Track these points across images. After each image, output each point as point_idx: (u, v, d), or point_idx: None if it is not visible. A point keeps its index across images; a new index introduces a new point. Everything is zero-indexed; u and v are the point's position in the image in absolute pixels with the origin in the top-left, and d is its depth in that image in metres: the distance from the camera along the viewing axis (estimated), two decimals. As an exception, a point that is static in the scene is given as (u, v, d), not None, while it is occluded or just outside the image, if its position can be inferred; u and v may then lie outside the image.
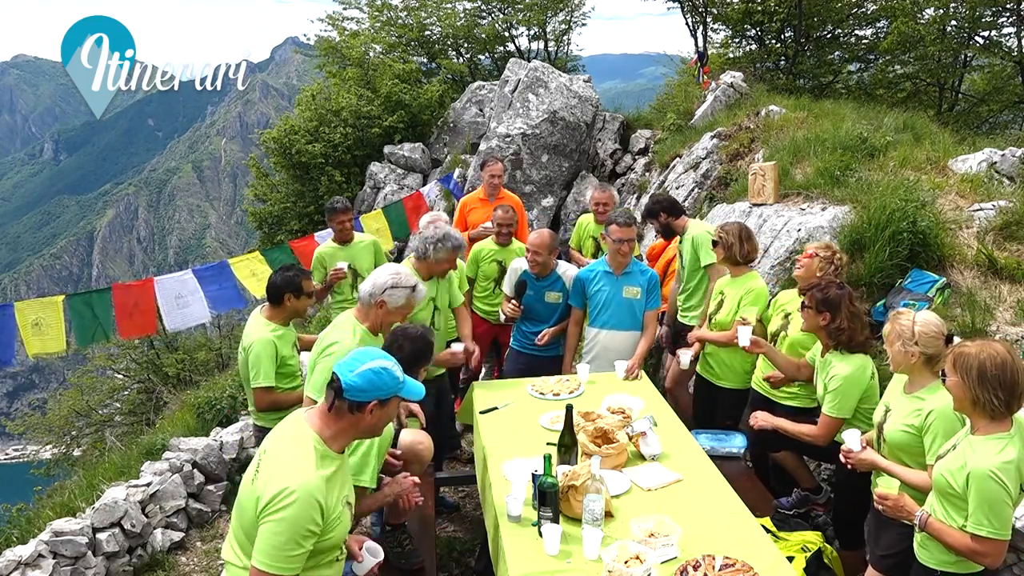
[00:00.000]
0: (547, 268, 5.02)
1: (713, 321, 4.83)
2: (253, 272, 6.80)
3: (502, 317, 5.28)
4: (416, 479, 3.20)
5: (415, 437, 3.82)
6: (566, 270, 5.10)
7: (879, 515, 3.07)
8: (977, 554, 2.58)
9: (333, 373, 2.34)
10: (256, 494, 2.24)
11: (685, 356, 4.92)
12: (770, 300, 4.66)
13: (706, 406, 4.89)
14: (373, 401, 2.33)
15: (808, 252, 4.31)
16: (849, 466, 3.23)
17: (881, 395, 3.75)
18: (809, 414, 4.04)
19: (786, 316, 4.38)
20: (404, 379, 2.40)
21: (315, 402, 2.78)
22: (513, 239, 5.69)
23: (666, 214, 5.34)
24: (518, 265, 5.14)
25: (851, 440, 3.20)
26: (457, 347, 4.52)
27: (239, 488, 2.41)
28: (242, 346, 4.12)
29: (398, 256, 9.94)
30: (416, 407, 3.91)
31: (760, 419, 4.00)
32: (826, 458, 4.24)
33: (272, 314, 4.07)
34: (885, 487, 2.86)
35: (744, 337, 4.17)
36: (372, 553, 2.65)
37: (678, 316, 5.45)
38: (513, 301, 5.04)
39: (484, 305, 5.72)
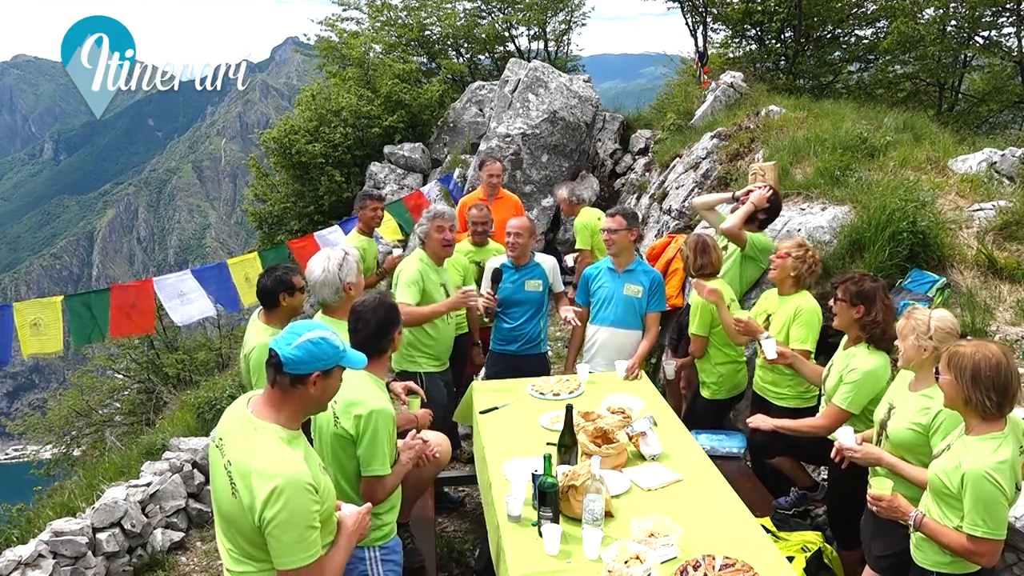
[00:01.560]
0: (526, 255, 5.03)
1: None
2: (247, 277, 6.79)
3: (480, 307, 5.28)
4: (426, 437, 3.30)
5: (435, 439, 3.83)
6: (544, 259, 5.14)
7: (876, 516, 3.06)
8: (973, 554, 2.59)
9: (271, 350, 2.28)
10: (245, 506, 2.20)
11: (670, 367, 4.97)
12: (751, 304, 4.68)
13: (689, 409, 4.98)
14: (314, 373, 2.28)
15: (781, 252, 4.31)
16: (841, 461, 3.22)
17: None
18: (804, 414, 4.05)
19: (767, 318, 4.40)
20: (345, 348, 2.36)
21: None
22: (490, 240, 5.67)
23: (771, 215, 5.22)
24: (494, 263, 5.13)
25: (844, 437, 3.20)
26: (468, 288, 4.74)
27: (217, 503, 2.34)
28: (243, 353, 4.03)
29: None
30: (414, 384, 3.92)
31: (758, 422, 4.00)
32: (823, 460, 4.22)
33: (269, 318, 3.98)
34: (879, 488, 2.85)
35: (770, 350, 4.07)
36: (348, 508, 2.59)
37: None
38: (488, 291, 4.96)
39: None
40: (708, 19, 13.67)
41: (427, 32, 14.96)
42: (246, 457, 2.23)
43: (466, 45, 15.54)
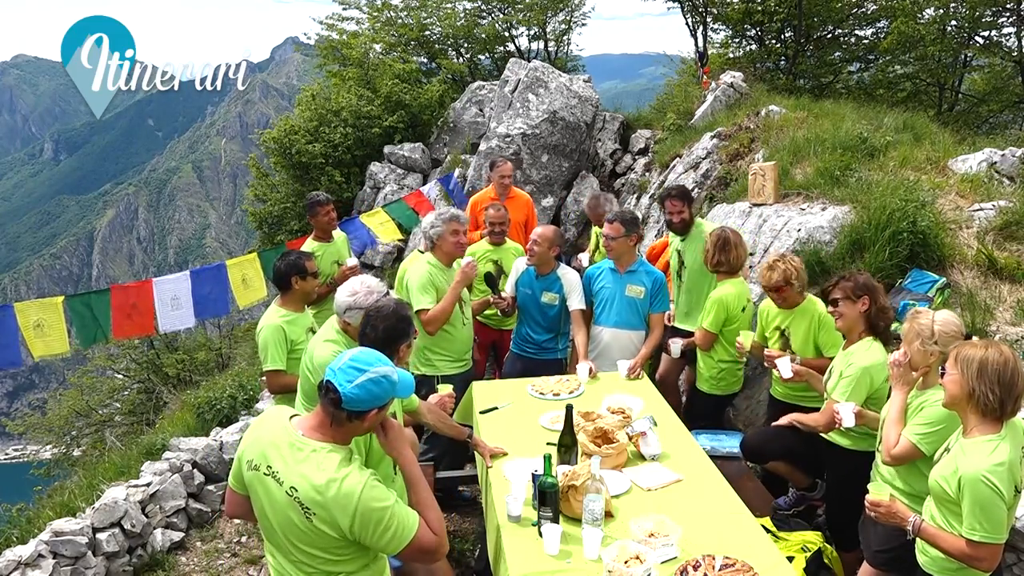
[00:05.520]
0: (546, 265, 4.98)
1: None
2: (244, 278, 6.74)
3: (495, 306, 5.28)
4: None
5: None
6: (566, 272, 5.04)
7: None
8: (972, 559, 2.56)
9: (329, 383, 2.26)
10: (328, 526, 2.22)
11: (675, 346, 4.93)
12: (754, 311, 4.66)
13: (689, 405, 5.01)
14: (373, 410, 2.31)
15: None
16: (840, 465, 3.23)
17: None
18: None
19: (782, 333, 4.36)
20: (398, 378, 2.36)
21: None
22: (507, 239, 5.65)
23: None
24: (520, 265, 5.15)
25: (845, 412, 3.24)
26: (469, 259, 4.69)
27: (284, 530, 2.31)
28: (256, 333, 4.27)
29: (398, 256, 9.93)
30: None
31: (782, 420, 3.98)
32: (818, 466, 4.18)
33: (284, 301, 4.18)
34: (876, 494, 2.84)
35: (785, 370, 4.04)
36: None
37: (676, 322, 5.32)
38: (493, 296, 5.03)
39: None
40: (708, 19, 13.66)
41: (427, 32, 14.94)
42: (314, 480, 2.23)
43: (466, 45, 15.52)
